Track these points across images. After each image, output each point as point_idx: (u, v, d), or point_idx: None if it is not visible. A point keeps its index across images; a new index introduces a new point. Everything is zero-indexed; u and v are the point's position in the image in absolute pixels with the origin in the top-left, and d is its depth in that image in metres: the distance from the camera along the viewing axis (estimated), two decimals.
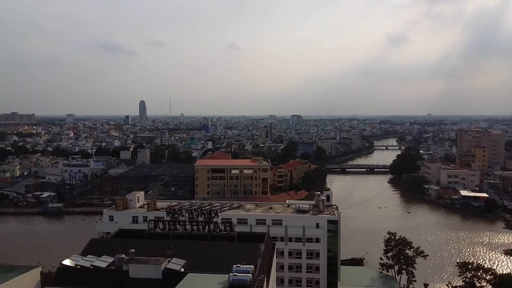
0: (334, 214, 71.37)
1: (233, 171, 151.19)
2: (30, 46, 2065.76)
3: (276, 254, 54.98)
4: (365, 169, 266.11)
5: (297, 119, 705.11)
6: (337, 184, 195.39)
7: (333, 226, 69.73)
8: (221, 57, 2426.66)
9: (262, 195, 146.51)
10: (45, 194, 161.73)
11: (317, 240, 69.63)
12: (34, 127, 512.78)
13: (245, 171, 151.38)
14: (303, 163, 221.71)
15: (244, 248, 47.26)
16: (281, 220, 71.44)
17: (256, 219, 72.01)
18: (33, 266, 47.33)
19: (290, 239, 70.33)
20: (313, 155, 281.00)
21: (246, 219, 72.00)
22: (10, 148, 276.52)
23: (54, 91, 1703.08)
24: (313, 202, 79.06)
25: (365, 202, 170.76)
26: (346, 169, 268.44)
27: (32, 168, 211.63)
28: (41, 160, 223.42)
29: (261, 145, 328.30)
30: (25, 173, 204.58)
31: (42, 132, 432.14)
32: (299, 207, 75.91)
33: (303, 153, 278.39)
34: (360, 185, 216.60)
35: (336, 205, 77.89)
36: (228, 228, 54.23)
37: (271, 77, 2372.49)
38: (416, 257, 78.01)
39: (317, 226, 69.85)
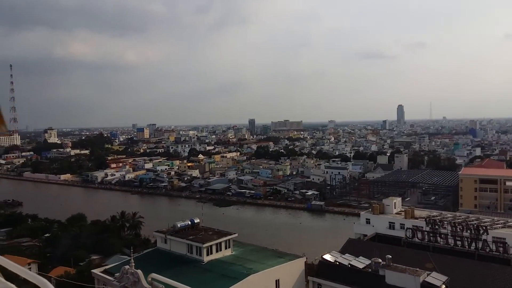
0: None
1: (508, 183, 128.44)
2: (301, 62, 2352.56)
3: None
4: None
5: None
6: None
7: None
8: (493, 50, 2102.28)
9: None
10: (309, 192, 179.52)
11: None
12: (302, 132, 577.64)
13: None
14: None
15: None
16: None
17: None
18: (299, 255, 53.08)
19: None
20: None
21: None
22: (282, 150, 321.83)
23: (319, 100, 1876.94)
24: None
25: None
26: None
27: (299, 168, 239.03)
28: (306, 162, 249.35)
29: None
30: (294, 172, 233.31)
31: (308, 137, 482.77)
32: None
33: None
34: None
35: None
36: (501, 249, 46.26)
37: None
38: None
39: None
